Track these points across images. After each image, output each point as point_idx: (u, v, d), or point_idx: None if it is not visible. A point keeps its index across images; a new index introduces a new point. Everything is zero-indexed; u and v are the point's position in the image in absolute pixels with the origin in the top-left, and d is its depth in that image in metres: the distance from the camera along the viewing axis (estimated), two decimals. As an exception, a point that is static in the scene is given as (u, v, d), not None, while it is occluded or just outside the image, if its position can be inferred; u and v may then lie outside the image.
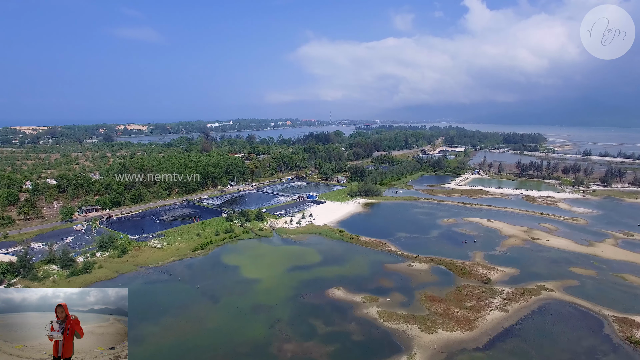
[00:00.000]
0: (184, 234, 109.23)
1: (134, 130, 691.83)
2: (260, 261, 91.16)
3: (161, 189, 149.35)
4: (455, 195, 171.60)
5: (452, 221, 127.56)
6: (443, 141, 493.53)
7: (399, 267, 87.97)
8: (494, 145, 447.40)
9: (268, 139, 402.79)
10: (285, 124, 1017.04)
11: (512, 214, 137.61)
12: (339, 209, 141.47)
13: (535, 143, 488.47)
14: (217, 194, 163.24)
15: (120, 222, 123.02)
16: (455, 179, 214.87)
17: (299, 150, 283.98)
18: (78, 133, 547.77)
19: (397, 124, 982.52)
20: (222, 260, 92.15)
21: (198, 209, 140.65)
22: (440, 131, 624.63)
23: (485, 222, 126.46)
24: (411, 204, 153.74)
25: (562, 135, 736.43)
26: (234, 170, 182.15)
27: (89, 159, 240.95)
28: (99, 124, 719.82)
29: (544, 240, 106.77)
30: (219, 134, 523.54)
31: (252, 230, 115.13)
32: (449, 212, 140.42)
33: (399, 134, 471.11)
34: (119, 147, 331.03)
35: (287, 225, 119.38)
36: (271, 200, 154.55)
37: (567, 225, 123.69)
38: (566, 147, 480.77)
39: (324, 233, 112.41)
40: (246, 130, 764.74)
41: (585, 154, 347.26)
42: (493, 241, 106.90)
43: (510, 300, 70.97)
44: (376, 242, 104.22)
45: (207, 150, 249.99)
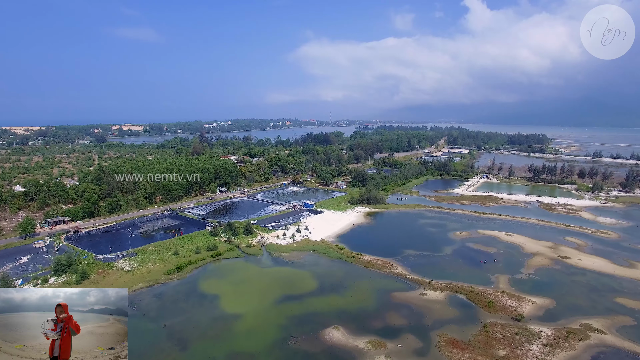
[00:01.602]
0: (159, 252, 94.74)
1: (129, 131, 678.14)
2: (244, 288, 76.75)
3: (142, 197, 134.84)
4: (466, 202, 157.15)
5: (466, 234, 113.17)
6: (446, 142, 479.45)
7: (409, 296, 73.56)
8: (499, 146, 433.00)
9: (265, 139, 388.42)
10: (285, 124, 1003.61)
11: (531, 226, 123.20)
12: (338, 219, 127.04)
13: (541, 144, 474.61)
14: (204, 202, 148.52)
15: (90, 236, 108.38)
16: (463, 184, 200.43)
17: (296, 152, 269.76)
18: (71, 134, 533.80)
19: (397, 124, 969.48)
20: (199, 287, 77.66)
21: (181, 220, 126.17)
22: (442, 132, 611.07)
23: (504, 235, 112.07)
24: (418, 213, 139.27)
25: (565, 135, 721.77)
26: (224, 175, 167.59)
27: (73, 162, 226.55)
28: (95, 125, 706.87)
29: (574, 260, 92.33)
30: (215, 135, 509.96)
31: (239, 246, 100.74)
32: (461, 223, 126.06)
33: (400, 135, 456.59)
34: (108, 148, 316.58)
35: (279, 241, 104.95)
36: (263, 209, 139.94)
37: (596, 239, 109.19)
38: (573, 148, 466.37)
39: (321, 250, 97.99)
40: (245, 130, 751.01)
41: (595, 155, 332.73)
42: (516, 260, 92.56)
43: (552, 348, 56.46)
44: (381, 263, 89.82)
45: (199, 153, 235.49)
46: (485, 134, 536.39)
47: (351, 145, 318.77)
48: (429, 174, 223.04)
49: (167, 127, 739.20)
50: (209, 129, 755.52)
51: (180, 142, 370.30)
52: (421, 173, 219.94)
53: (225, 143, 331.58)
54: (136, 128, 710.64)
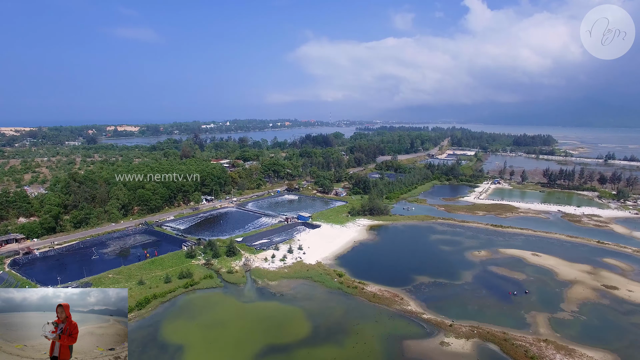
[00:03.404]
0: (121, 280, 78.66)
1: (124, 132, 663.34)
2: (217, 335, 60.63)
3: (114, 209, 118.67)
4: (479, 212, 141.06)
5: (486, 255, 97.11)
6: (450, 143, 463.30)
7: (427, 348, 57.48)
8: (505, 148, 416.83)
9: (262, 141, 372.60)
10: (284, 124, 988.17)
11: (559, 243, 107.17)
12: (337, 235, 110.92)
13: (547, 145, 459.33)
14: (186, 213, 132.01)
15: (44, 259, 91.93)
16: (473, 190, 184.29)
17: (293, 155, 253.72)
18: (63, 135, 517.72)
19: (398, 124, 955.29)
20: (160, 332, 61.42)
21: (157, 235, 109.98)
22: (444, 132, 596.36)
23: (530, 256, 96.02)
24: (428, 226, 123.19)
25: (570, 136, 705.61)
26: (211, 181, 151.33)
27: (51, 166, 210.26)
28: (90, 125, 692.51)
29: (624, 291, 76.26)
30: (210, 136, 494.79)
31: (219, 272, 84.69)
32: (478, 239, 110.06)
33: (402, 136, 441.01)
34: (95, 150, 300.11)
35: (267, 264, 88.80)
36: (252, 223, 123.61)
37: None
38: (580, 149, 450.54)
39: (317, 278, 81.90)
40: (243, 131, 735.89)
41: (608, 158, 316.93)
42: (552, 291, 76.56)
43: None
44: (389, 296, 73.76)
45: (188, 156, 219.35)
46: (489, 135, 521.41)
47: (351, 147, 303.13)
48: (435, 179, 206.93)
49: (163, 127, 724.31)
50: (206, 129, 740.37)
51: (173, 143, 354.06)
52: (427, 178, 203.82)
53: (218, 145, 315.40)
54: (131, 129, 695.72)
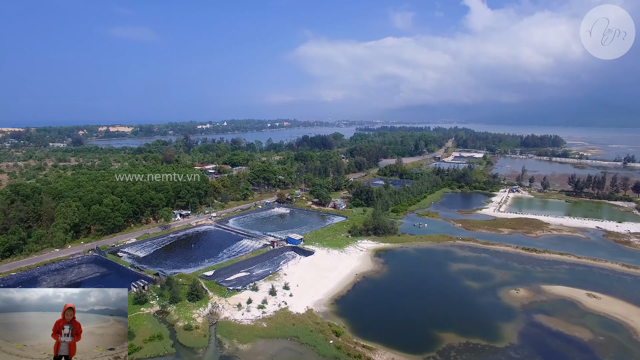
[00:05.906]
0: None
1: (117, 132, 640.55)
2: None
3: (59, 231, 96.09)
4: (504, 230, 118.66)
5: (527, 295, 74.78)
6: (455, 145, 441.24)
7: None
8: (514, 149, 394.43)
9: (256, 142, 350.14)
10: (283, 125, 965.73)
11: (616, 276, 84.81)
12: (334, 266, 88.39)
13: (556, 146, 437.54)
14: (152, 233, 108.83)
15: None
16: (490, 200, 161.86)
17: (288, 158, 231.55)
18: (51, 136, 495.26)
19: (399, 124, 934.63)
20: None
21: (107, 267, 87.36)
22: (447, 132, 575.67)
23: (585, 297, 73.80)
24: (446, 251, 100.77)
25: (575, 137, 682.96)
26: (187, 193, 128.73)
27: (16, 172, 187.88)
28: (81, 126, 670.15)
29: None
30: (203, 137, 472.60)
31: (173, 326, 62.32)
32: (510, 268, 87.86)
33: (405, 137, 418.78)
34: (75, 153, 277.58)
35: (240, 314, 66.27)
36: (229, 248, 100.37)
37: None
38: (592, 151, 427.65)
39: (306, 339, 59.38)
40: (240, 132, 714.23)
41: (627, 160, 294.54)
42: (636, 363, 54.24)
43: None
44: (408, 374, 51.38)
45: (170, 161, 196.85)
46: (494, 136, 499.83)
47: (352, 150, 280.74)
48: (445, 186, 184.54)
49: (157, 128, 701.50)
50: (201, 130, 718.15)
51: (162, 145, 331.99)
52: (437, 185, 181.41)
53: (208, 147, 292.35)
54: (124, 129, 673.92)
